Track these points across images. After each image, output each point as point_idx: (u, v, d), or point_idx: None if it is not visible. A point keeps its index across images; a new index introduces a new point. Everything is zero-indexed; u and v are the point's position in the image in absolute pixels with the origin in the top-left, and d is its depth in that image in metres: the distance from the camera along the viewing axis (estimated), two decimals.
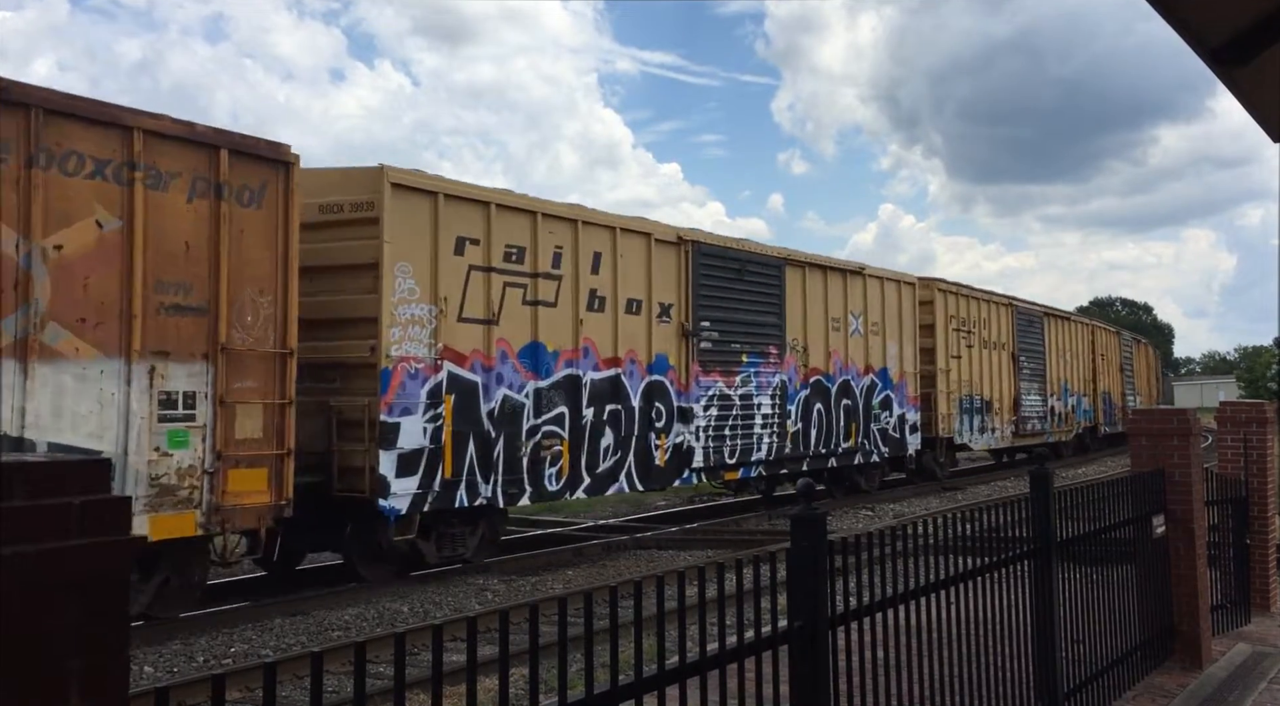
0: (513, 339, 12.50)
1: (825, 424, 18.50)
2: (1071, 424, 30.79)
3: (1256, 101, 4.79)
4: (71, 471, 1.62)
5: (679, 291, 15.32)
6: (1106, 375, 34.93)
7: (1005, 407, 26.03)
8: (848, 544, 3.95)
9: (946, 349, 22.91)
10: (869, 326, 19.85)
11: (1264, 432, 9.07)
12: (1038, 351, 28.43)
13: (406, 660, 2.38)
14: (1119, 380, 36.99)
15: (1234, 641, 7.92)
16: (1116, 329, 39.34)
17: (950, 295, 23.40)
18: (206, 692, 7.09)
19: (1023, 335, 27.19)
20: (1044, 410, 28.54)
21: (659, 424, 14.71)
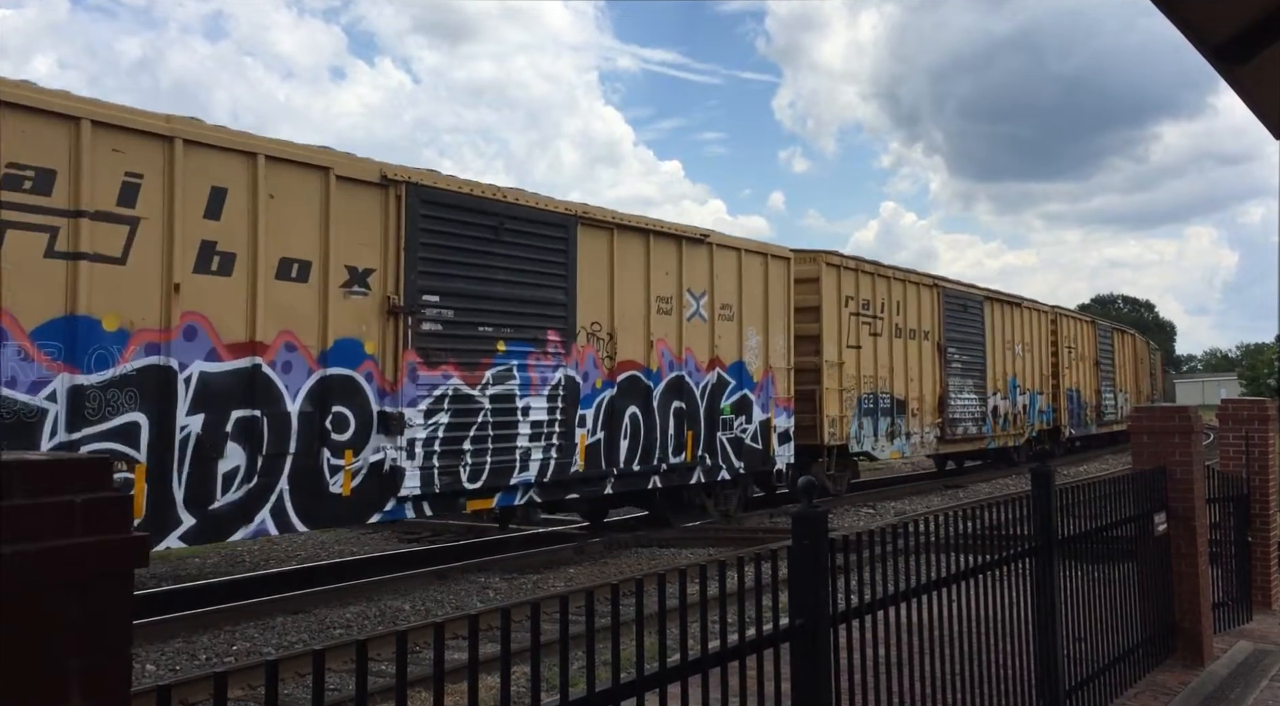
0: (24, 309, 8.22)
1: (644, 433, 14.05)
2: (1022, 426, 26.35)
3: (1258, 98, 4.79)
4: (73, 469, 1.62)
5: (384, 252, 10.77)
6: (1074, 370, 30.55)
7: (927, 408, 21.52)
8: (849, 542, 3.95)
9: (840, 337, 18.55)
10: (717, 309, 15.53)
11: (1265, 430, 9.07)
12: (975, 341, 23.84)
13: (408, 658, 2.39)
14: (1092, 376, 32.46)
15: (1235, 639, 7.92)
16: (1092, 318, 34.23)
17: (846, 271, 18.96)
18: (209, 691, 7.10)
19: (954, 322, 22.71)
20: (982, 411, 24.03)
21: (341, 436, 10.28)
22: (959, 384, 22.95)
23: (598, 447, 13.37)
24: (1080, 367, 31.27)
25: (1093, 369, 32.46)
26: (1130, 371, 38.32)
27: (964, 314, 23.40)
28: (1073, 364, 30.45)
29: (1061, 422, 29.21)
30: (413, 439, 10.98)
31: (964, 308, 23.45)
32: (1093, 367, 32.45)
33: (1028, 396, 26.89)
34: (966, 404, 23.31)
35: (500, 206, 12.15)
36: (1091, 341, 32.66)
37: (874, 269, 20.13)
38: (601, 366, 13.58)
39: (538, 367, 12.60)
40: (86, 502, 1.61)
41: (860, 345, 19.21)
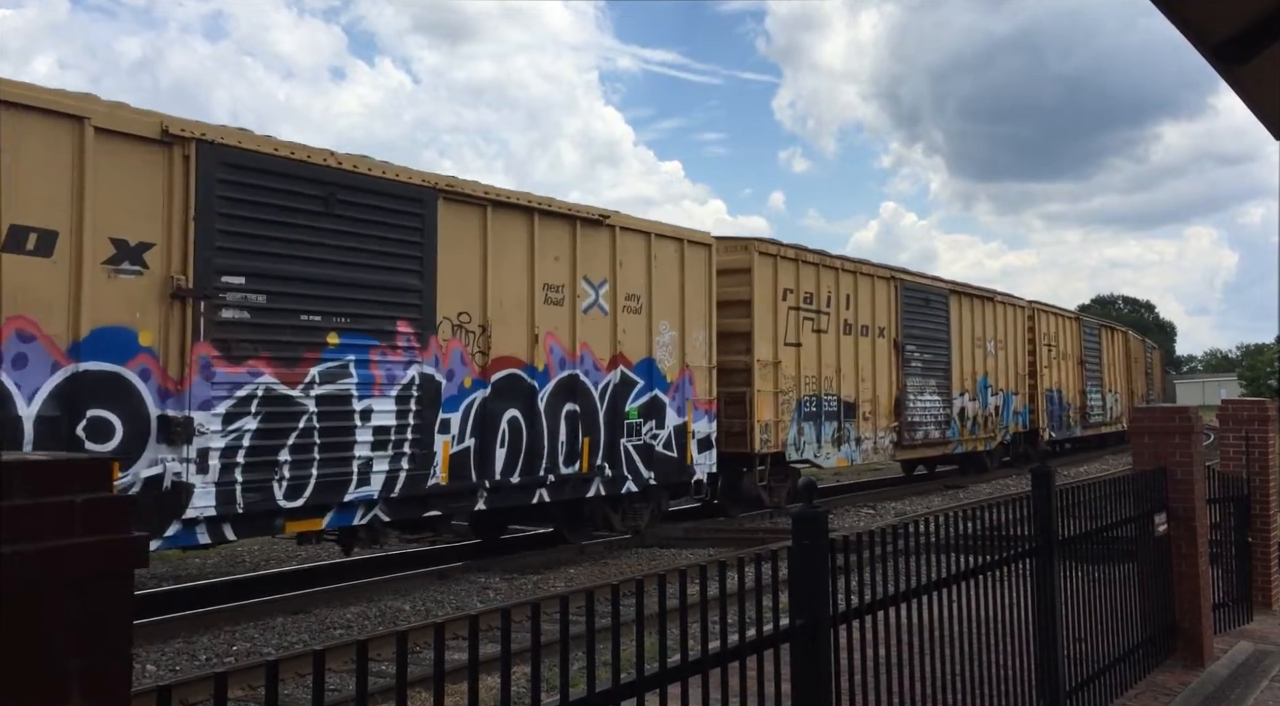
0: None
1: (526, 440, 12.26)
2: (994, 429, 24.51)
3: (1258, 98, 4.79)
4: (73, 470, 1.62)
5: (168, 223, 9.00)
6: (1056, 369, 28.74)
7: (882, 411, 19.75)
8: (849, 542, 3.95)
9: (777, 334, 16.84)
10: (621, 300, 13.73)
11: (1266, 431, 9.06)
12: (938, 338, 21.93)
13: (408, 658, 2.39)
14: (1076, 375, 30.58)
15: (1236, 639, 7.92)
16: (1076, 314, 32.15)
17: (784, 261, 17.19)
18: (209, 691, 7.10)
19: (914, 317, 20.92)
20: (947, 413, 22.13)
21: (102, 445, 8.49)
22: (919, 384, 21.05)
23: (466, 457, 11.50)
24: (1062, 367, 29.44)
25: (1077, 368, 30.68)
26: (1122, 371, 36.50)
27: (926, 309, 21.49)
28: (1053, 363, 28.54)
29: (1040, 425, 27.36)
30: (205, 448, 9.10)
31: (925, 302, 21.49)
32: (1077, 367, 30.66)
33: (1001, 397, 24.99)
34: (928, 406, 21.34)
35: (331, 174, 10.22)
36: (1076, 339, 30.82)
37: (819, 259, 18.24)
38: (471, 363, 11.66)
39: (383, 364, 10.67)
40: (87, 503, 1.61)
41: (801, 343, 17.48)
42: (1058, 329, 29.34)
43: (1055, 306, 30.14)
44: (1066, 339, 30.03)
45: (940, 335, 22.15)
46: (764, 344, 16.67)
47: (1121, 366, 36.36)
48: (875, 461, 20.92)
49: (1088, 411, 31.51)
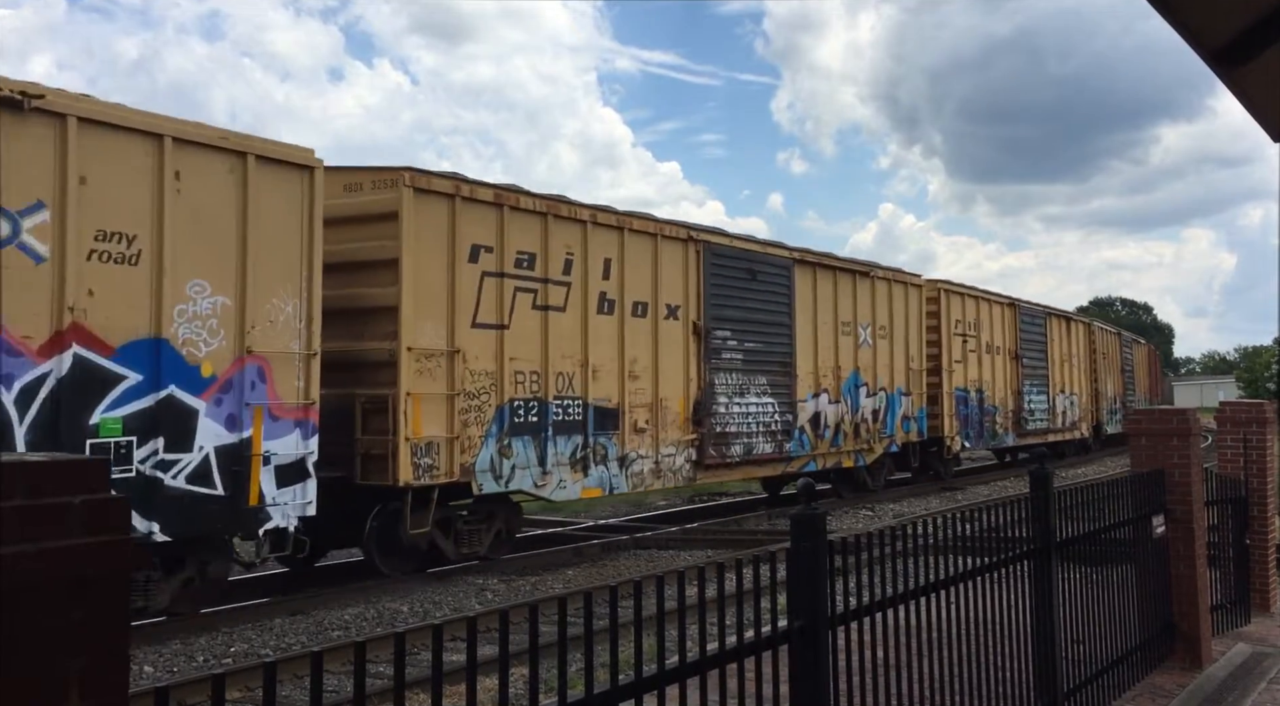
0: None
1: None
2: (872, 438, 19.58)
3: (1257, 101, 4.79)
4: (72, 470, 1.62)
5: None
6: (974, 365, 23.63)
7: (672, 419, 14.89)
8: (848, 544, 3.95)
9: (455, 310, 11.97)
10: (86, 242, 8.67)
11: (1264, 432, 9.07)
12: (772, 322, 17.01)
13: (406, 660, 2.39)
14: (1009, 373, 25.47)
15: (1234, 641, 7.92)
16: (1012, 299, 26.34)
17: (465, 204, 12.01)
18: (206, 692, 7.09)
19: (726, 293, 16.09)
20: (788, 419, 17.21)
21: None
22: (736, 383, 16.05)
23: None
24: (988, 362, 24.34)
25: (1010, 364, 25.62)
26: (1082, 368, 31.37)
27: (750, 284, 16.37)
28: (969, 356, 23.45)
29: (946, 431, 22.23)
30: None
31: (750, 274, 16.35)
32: (1010, 362, 25.62)
33: (881, 398, 19.91)
34: (751, 411, 16.33)
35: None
36: (1009, 328, 25.76)
37: (548, 206, 12.96)
38: None
39: None
40: (85, 503, 1.61)
41: (509, 324, 12.46)
42: (979, 316, 24.09)
43: (975, 288, 24.50)
44: (994, 328, 24.87)
45: (775, 318, 17.02)
46: (428, 324, 11.61)
47: (1083, 363, 31.66)
48: (663, 487, 15.31)
49: (1024, 416, 26.31)
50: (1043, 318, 28.24)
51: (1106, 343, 35.17)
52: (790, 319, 17.49)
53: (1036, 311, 28.02)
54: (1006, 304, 26.07)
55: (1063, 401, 29.40)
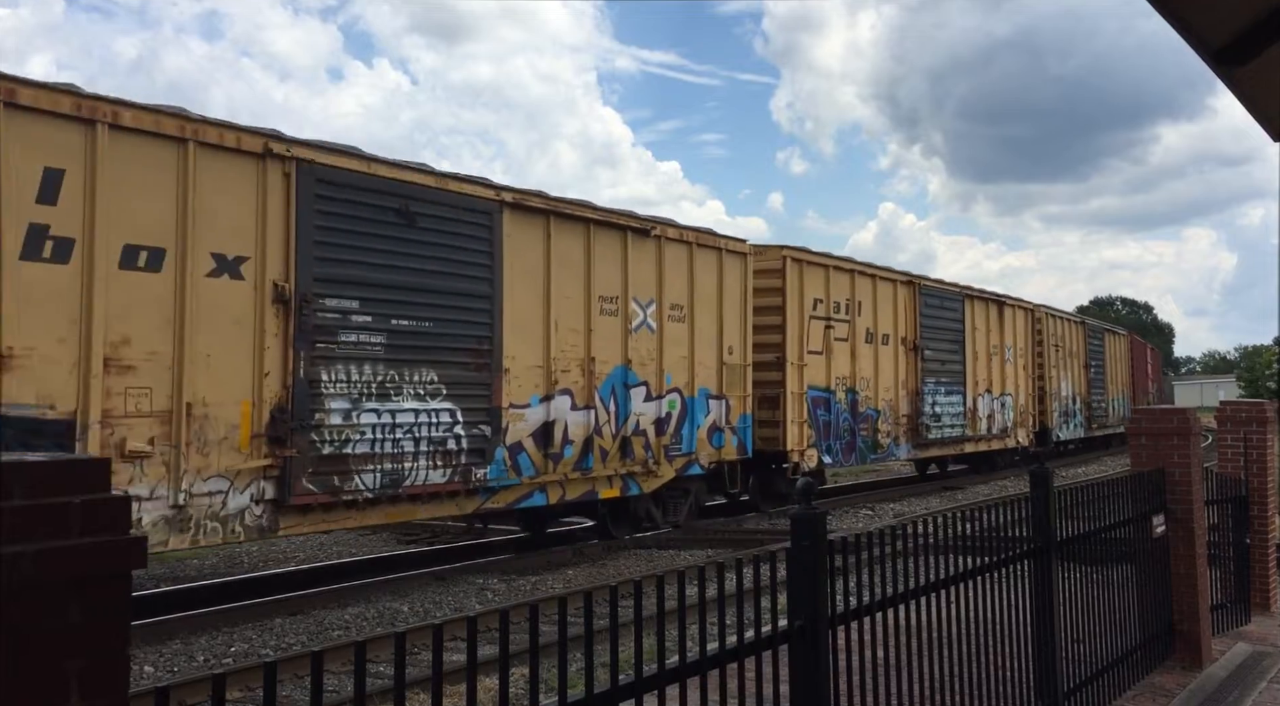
0: None
1: None
2: (655, 456, 14.30)
3: (1257, 101, 4.79)
4: (71, 471, 1.62)
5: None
6: (843, 358, 18.56)
7: (222, 436, 9.28)
8: (847, 543, 3.95)
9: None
10: None
11: (1264, 432, 9.07)
12: (458, 291, 11.64)
13: (406, 659, 2.39)
14: (903, 369, 20.35)
15: (1234, 641, 7.92)
16: (911, 276, 21.12)
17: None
18: (207, 692, 7.09)
19: (332, 246, 10.41)
20: (481, 433, 11.81)
21: None
22: (370, 380, 10.71)
23: None
24: (867, 354, 19.21)
25: (907, 358, 20.57)
26: (1021, 365, 26.01)
27: (405, 232, 11.08)
28: (837, 346, 18.27)
29: (790, 444, 16.82)
30: None
31: (405, 217, 11.04)
32: (907, 356, 20.58)
33: (671, 402, 14.57)
34: (403, 421, 10.99)
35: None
36: (905, 312, 20.64)
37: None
38: None
39: None
40: (85, 503, 1.61)
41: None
42: (856, 295, 19.10)
43: (850, 259, 19.29)
44: (880, 311, 19.94)
45: (466, 286, 11.83)
46: None
47: (1024, 358, 26.41)
48: (201, 545, 9.71)
49: (923, 424, 20.97)
50: (958, 300, 22.76)
51: (1063, 333, 29.65)
52: (495, 288, 12.06)
53: (949, 293, 22.51)
54: (902, 281, 20.67)
55: (988, 403, 23.83)
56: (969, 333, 23.21)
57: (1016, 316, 26.04)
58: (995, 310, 24.84)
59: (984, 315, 24.16)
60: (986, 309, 24.40)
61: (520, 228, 12.49)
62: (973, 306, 23.55)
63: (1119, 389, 36.83)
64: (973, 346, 23.40)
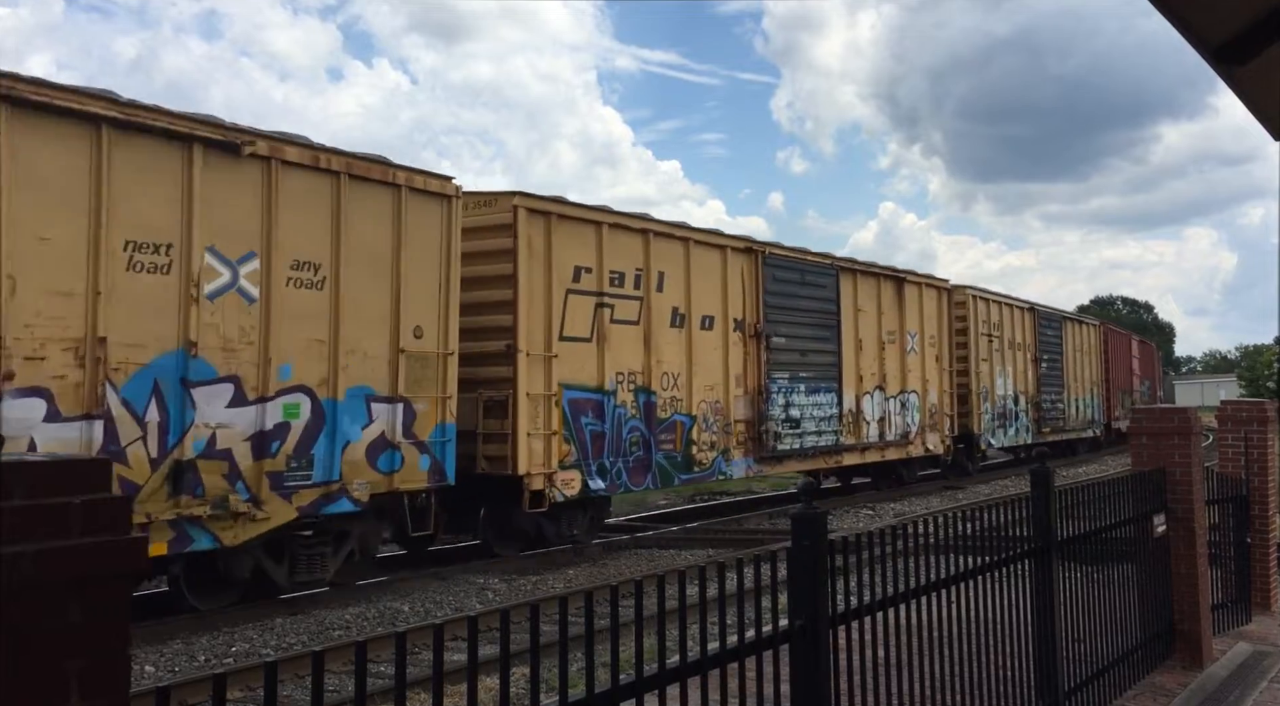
0: None
1: None
2: (220, 497, 9.36)
3: (1257, 100, 4.79)
4: (72, 471, 1.62)
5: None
6: (632, 349, 14.20)
7: None
8: (848, 543, 3.95)
9: None
10: None
11: (1265, 431, 9.07)
12: None
13: (407, 659, 2.39)
14: (745, 360, 16.15)
15: (1235, 640, 7.92)
16: (752, 243, 16.70)
17: None
18: (208, 692, 7.09)
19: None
20: None
21: None
22: None
23: None
24: (664, 344, 14.63)
25: (744, 347, 16.07)
26: (933, 356, 21.37)
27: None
28: (616, 332, 13.85)
29: (528, 466, 12.52)
30: None
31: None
32: (745, 344, 16.10)
33: (293, 406, 10.21)
34: None
35: None
36: (747, 290, 16.18)
37: None
38: None
39: None
40: (85, 503, 1.61)
41: None
42: (632, 255, 14.31)
43: (598, 209, 13.98)
44: (703, 286, 15.53)
45: None
46: None
47: (937, 347, 21.77)
48: None
49: (766, 433, 16.40)
50: (829, 274, 18.14)
51: (999, 319, 24.97)
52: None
53: (814, 265, 17.78)
54: (737, 249, 16.15)
55: (879, 403, 19.55)
56: (849, 316, 18.62)
57: (925, 297, 21.25)
58: (892, 288, 20.27)
59: (873, 294, 19.52)
60: (878, 286, 19.73)
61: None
62: (855, 283, 18.89)
63: (1085, 387, 31.63)
64: (855, 333, 18.82)
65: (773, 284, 16.87)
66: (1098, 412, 32.94)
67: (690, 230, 15.48)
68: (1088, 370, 31.92)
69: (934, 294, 21.91)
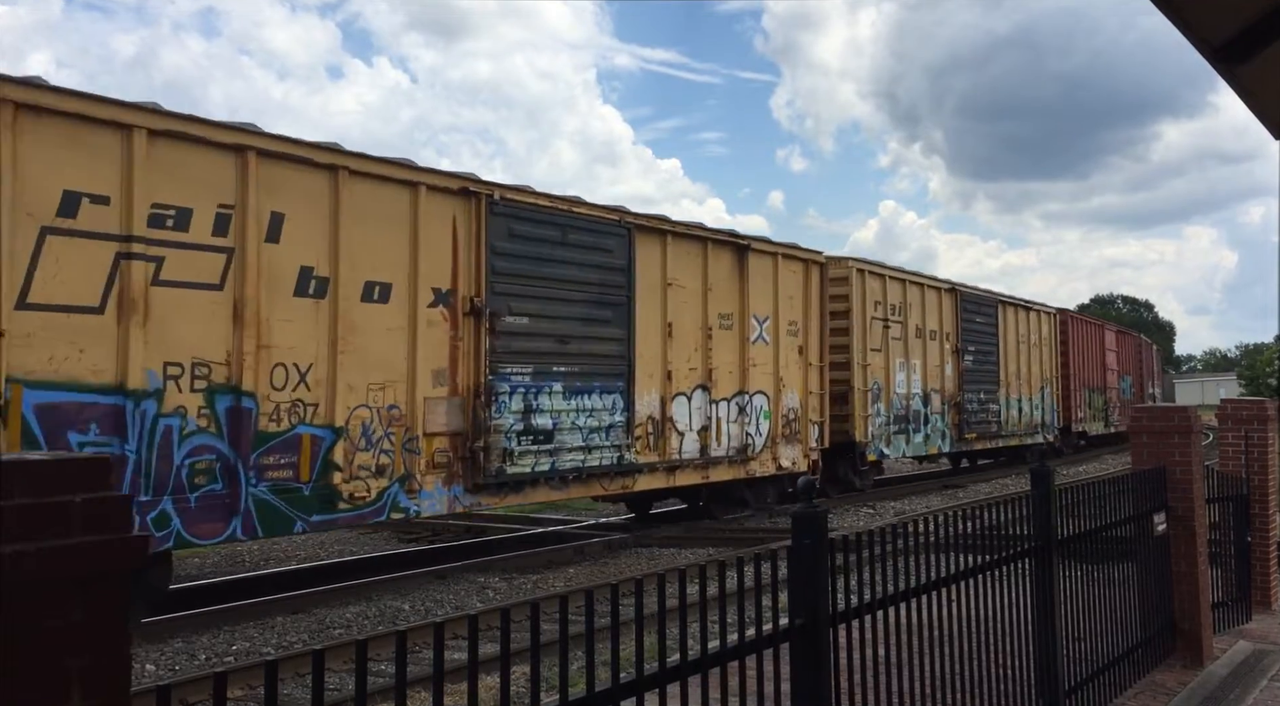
0: None
1: None
2: None
3: (1258, 98, 4.79)
4: (73, 469, 1.62)
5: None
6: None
7: None
8: (849, 541, 3.95)
9: None
10: None
11: (1265, 430, 9.07)
12: None
13: (408, 658, 2.39)
14: (460, 354, 11.46)
15: (1235, 639, 7.92)
16: (458, 178, 11.63)
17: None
18: (208, 690, 7.09)
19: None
20: None
21: None
22: None
23: None
24: (293, 325, 9.94)
25: (456, 334, 11.50)
26: (793, 346, 16.69)
27: None
28: (156, 304, 8.89)
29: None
30: None
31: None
32: (459, 330, 11.52)
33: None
34: None
35: None
36: (461, 248, 11.62)
37: None
38: None
39: None
40: (86, 502, 1.61)
41: None
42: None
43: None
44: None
45: None
46: None
47: (804, 342, 17.08)
48: None
49: (508, 453, 11.78)
50: (613, 232, 13.56)
51: (901, 301, 20.25)
52: None
53: (527, 212, 12.35)
54: (442, 190, 11.42)
55: (700, 408, 14.89)
56: (651, 291, 14.13)
57: (781, 271, 16.30)
58: (730, 259, 15.38)
59: (696, 264, 14.92)
60: (704, 255, 14.88)
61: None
62: (663, 248, 14.35)
63: (1032, 385, 26.47)
64: (660, 317, 14.19)
65: (507, 242, 12.05)
66: (1051, 415, 27.96)
67: (339, 154, 10.41)
68: (1036, 365, 26.99)
69: (797, 267, 16.80)
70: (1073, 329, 30.17)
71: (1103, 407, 32.23)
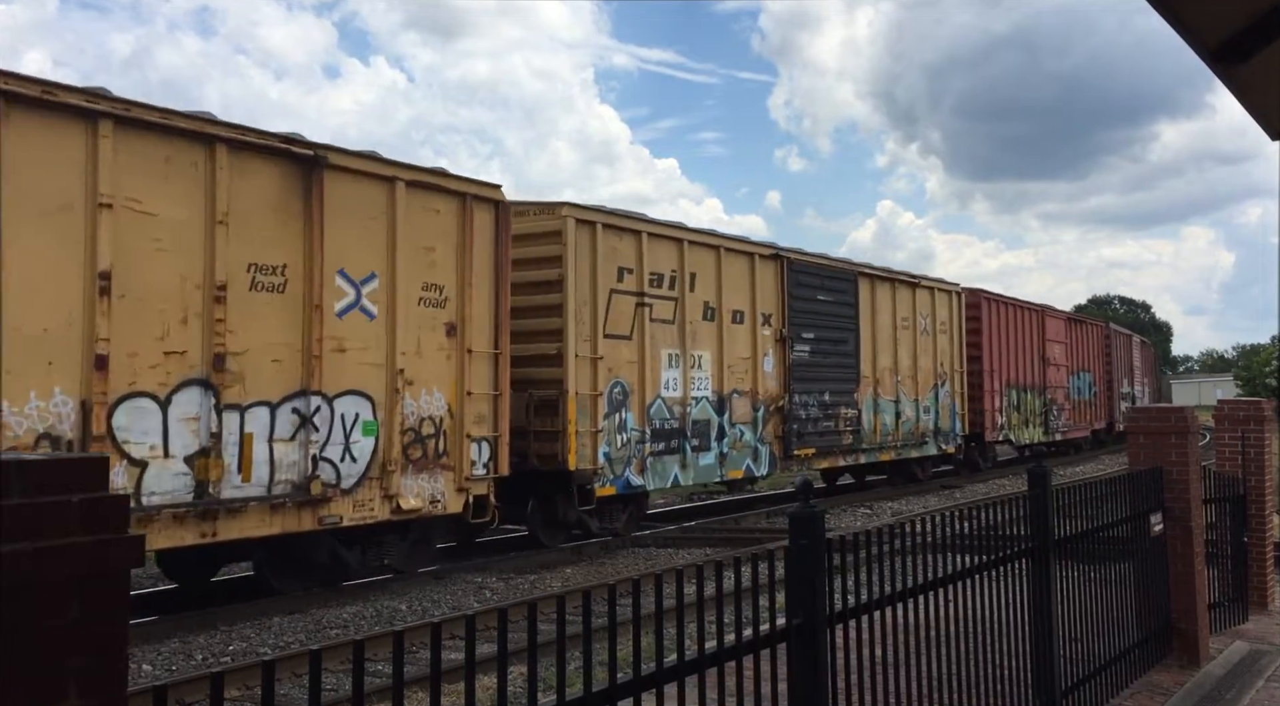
0: None
1: None
2: None
3: (1255, 99, 4.80)
4: (70, 469, 1.62)
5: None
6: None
7: None
8: (846, 542, 3.95)
9: None
10: None
11: (1262, 431, 9.07)
12: None
13: (405, 658, 2.39)
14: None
15: (1231, 639, 7.93)
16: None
17: None
18: (205, 690, 7.09)
19: None
20: None
21: None
22: None
23: None
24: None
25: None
26: (456, 331, 11.55)
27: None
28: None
29: None
30: None
31: None
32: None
33: None
34: None
35: None
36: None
37: None
38: None
39: None
40: (83, 502, 1.60)
41: None
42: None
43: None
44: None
45: None
46: None
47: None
48: None
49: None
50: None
51: (677, 264, 14.95)
52: None
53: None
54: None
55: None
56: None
57: (405, 206, 11.17)
58: (284, 172, 10.06)
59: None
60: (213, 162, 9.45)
61: None
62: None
63: (921, 384, 21.10)
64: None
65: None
66: (953, 421, 22.30)
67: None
68: (927, 357, 21.34)
69: (443, 205, 11.67)
70: (988, 313, 23.69)
71: (1040, 411, 26.30)
